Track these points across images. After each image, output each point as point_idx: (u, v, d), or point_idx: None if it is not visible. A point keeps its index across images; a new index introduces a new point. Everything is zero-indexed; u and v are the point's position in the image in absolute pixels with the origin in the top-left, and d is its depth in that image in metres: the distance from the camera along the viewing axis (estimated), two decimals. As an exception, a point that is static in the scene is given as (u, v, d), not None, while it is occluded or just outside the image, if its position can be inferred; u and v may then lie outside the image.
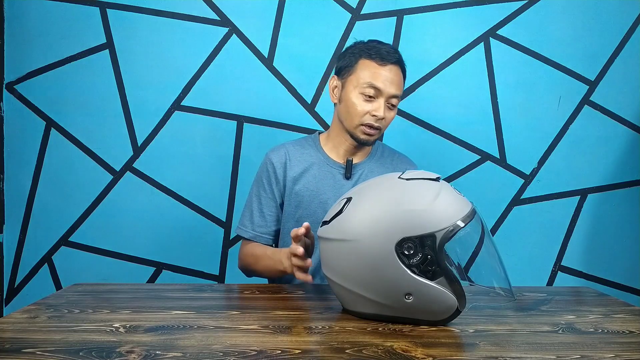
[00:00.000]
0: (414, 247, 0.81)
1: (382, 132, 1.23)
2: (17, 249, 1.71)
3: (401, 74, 1.20)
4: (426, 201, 0.83)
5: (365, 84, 1.16)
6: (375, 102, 1.16)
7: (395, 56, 1.18)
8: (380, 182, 0.91)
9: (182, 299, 1.01)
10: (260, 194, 1.28)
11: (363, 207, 0.87)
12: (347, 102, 1.19)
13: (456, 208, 0.84)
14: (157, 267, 1.72)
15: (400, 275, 0.82)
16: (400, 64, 1.20)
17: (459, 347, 0.75)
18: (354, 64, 1.19)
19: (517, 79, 1.72)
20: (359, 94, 1.17)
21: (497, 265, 0.91)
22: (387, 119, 1.19)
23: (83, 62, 1.69)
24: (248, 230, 1.28)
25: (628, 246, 1.74)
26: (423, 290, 0.82)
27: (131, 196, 1.70)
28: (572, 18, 1.71)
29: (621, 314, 0.94)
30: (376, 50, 1.17)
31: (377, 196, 0.87)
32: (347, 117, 1.20)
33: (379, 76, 1.15)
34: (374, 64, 1.16)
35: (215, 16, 1.70)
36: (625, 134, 1.73)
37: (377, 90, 1.16)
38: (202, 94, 1.70)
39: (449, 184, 0.90)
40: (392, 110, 1.20)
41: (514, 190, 1.74)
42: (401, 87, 1.20)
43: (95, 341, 0.75)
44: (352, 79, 1.18)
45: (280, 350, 0.72)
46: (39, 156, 1.70)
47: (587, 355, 0.72)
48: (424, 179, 0.88)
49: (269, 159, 1.28)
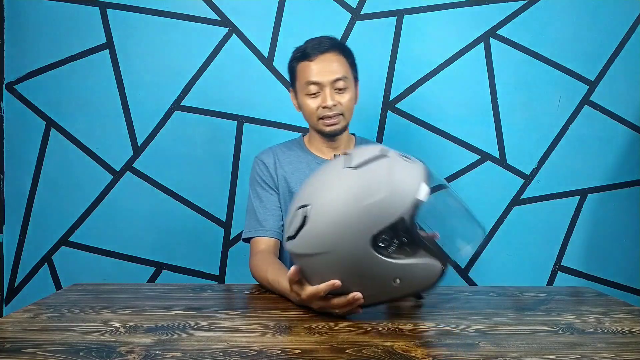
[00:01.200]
0: (387, 237, 0.81)
1: (346, 117, 1.25)
2: (17, 249, 1.71)
3: (339, 56, 1.23)
4: (383, 186, 0.80)
5: (305, 85, 1.22)
6: (321, 94, 1.22)
7: (322, 46, 1.22)
8: (330, 178, 0.86)
9: (182, 299, 1.01)
10: (259, 193, 1.28)
11: (324, 214, 0.82)
12: (302, 106, 1.26)
13: (413, 180, 0.82)
14: (157, 267, 1.72)
15: (383, 267, 0.81)
16: (335, 48, 1.23)
17: (459, 347, 0.75)
18: (294, 72, 1.26)
19: (517, 79, 1.72)
20: (305, 95, 1.23)
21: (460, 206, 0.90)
22: (342, 102, 1.22)
23: (83, 62, 1.69)
24: (256, 229, 1.24)
25: (628, 246, 1.74)
26: (408, 269, 0.82)
27: (131, 196, 1.70)
28: (572, 18, 1.71)
29: (621, 314, 0.94)
30: (303, 50, 1.23)
31: (334, 197, 0.82)
32: (308, 119, 1.27)
33: (311, 72, 1.21)
34: (305, 63, 1.22)
35: (215, 16, 1.70)
36: (625, 134, 1.73)
37: (316, 84, 1.21)
38: (202, 94, 1.70)
39: (394, 152, 0.86)
40: (343, 92, 1.23)
41: (514, 190, 1.74)
42: (342, 69, 1.22)
43: (95, 341, 0.75)
44: (298, 86, 1.26)
45: (280, 350, 0.72)
46: (39, 156, 1.70)
47: (587, 355, 0.72)
48: (372, 160, 0.84)
49: (259, 160, 1.31)
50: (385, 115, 1.73)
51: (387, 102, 1.73)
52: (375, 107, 1.72)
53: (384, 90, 1.72)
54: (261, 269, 1.12)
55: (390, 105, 1.73)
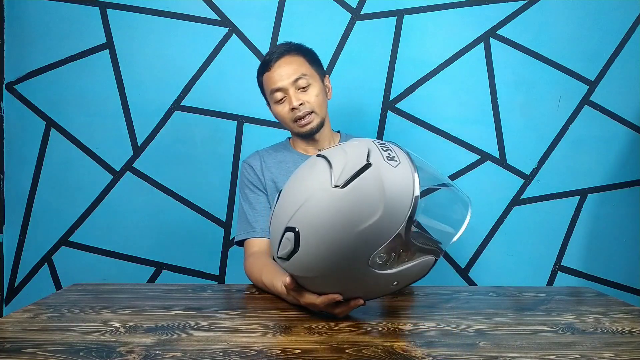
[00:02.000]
0: (385, 253, 0.80)
1: (319, 113, 1.25)
2: (17, 249, 1.71)
3: (291, 58, 1.24)
4: (375, 205, 0.76)
5: (270, 94, 1.26)
6: (286, 99, 1.24)
7: (280, 49, 1.25)
8: (317, 196, 0.79)
9: (182, 299, 1.01)
10: (248, 196, 1.29)
11: (317, 242, 0.78)
12: (275, 114, 1.29)
13: (404, 189, 0.78)
14: (157, 267, 1.72)
15: (382, 279, 0.82)
16: (289, 51, 1.25)
17: (459, 347, 0.75)
18: (262, 85, 1.30)
19: (517, 79, 1.72)
20: (274, 104, 1.26)
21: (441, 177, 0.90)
22: (307, 100, 1.23)
23: (83, 62, 1.69)
24: (248, 231, 1.26)
25: (628, 246, 1.74)
26: (406, 272, 0.83)
27: (131, 196, 1.70)
28: (572, 18, 1.71)
29: (621, 314, 0.94)
30: (261, 63, 1.28)
31: (325, 223, 0.77)
32: (285, 125, 1.29)
33: (272, 80, 1.24)
34: (266, 74, 1.26)
35: (215, 16, 1.70)
36: (625, 134, 1.73)
37: (278, 90, 1.23)
38: (202, 94, 1.70)
39: (378, 155, 0.81)
40: (307, 89, 1.24)
41: (514, 190, 1.74)
42: (299, 69, 1.23)
43: (95, 341, 0.75)
44: (267, 98, 1.29)
45: (280, 350, 0.72)
46: (39, 156, 1.70)
47: (587, 355, 0.72)
48: (358, 174, 0.78)
49: (247, 164, 1.32)
50: (385, 115, 1.73)
51: (387, 102, 1.73)
52: (375, 107, 1.72)
53: (384, 90, 1.72)
54: (255, 271, 1.12)
55: (390, 105, 1.73)
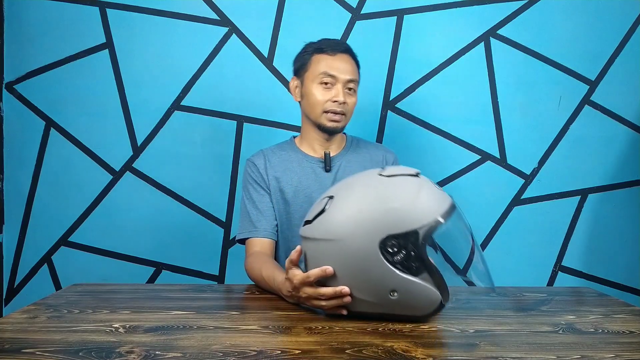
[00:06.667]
0: (397, 244, 0.82)
1: (347, 118, 1.28)
2: (16, 249, 1.71)
3: (353, 61, 1.28)
4: (408, 198, 0.83)
5: (321, 74, 1.24)
6: (334, 88, 1.24)
7: (344, 46, 1.29)
8: (361, 178, 0.90)
9: (182, 299, 1.01)
10: (251, 194, 1.29)
11: (345, 205, 0.86)
12: (309, 95, 1.27)
13: (437, 203, 0.84)
14: (157, 267, 1.72)
15: (384, 273, 0.82)
16: (350, 52, 1.29)
17: (459, 347, 0.75)
18: (308, 61, 1.28)
19: (517, 79, 1.72)
20: (317, 84, 1.25)
21: (477, 257, 0.90)
22: (348, 103, 1.26)
23: (83, 62, 1.69)
24: (250, 230, 1.25)
25: (628, 246, 1.74)
26: (407, 286, 0.82)
27: (131, 196, 1.70)
28: (572, 18, 1.71)
29: (621, 314, 0.94)
30: (325, 44, 1.28)
31: (359, 194, 0.87)
32: (311, 109, 1.27)
33: (330, 64, 1.24)
34: (325, 56, 1.26)
35: (215, 16, 1.70)
36: (625, 134, 1.73)
37: (333, 77, 1.24)
38: (202, 94, 1.70)
39: (428, 179, 0.90)
40: (352, 95, 1.27)
41: (514, 190, 1.74)
42: (355, 73, 1.28)
43: (95, 341, 0.75)
44: (309, 75, 1.27)
45: (280, 350, 0.72)
46: (39, 156, 1.70)
47: (587, 355, 0.72)
48: (405, 175, 0.87)
49: (250, 162, 1.32)
50: (385, 115, 1.73)
51: (387, 102, 1.73)
52: (375, 107, 1.72)
53: (384, 90, 1.72)
54: (255, 267, 1.13)
55: (390, 105, 1.73)
